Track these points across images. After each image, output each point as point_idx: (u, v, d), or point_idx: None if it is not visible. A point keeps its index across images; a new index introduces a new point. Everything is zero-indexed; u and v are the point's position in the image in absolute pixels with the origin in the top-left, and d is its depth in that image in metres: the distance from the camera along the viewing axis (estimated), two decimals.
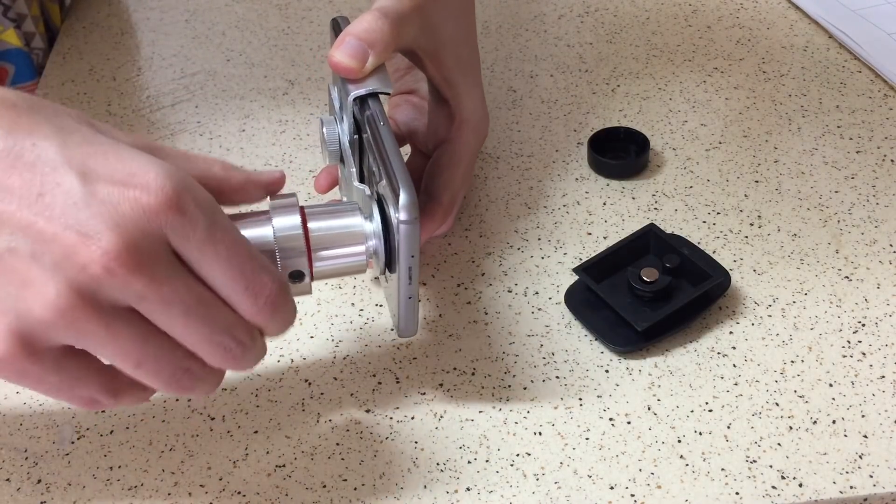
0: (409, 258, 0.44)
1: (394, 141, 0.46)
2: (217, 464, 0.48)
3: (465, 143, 0.55)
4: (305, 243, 0.44)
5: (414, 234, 0.43)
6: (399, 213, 0.43)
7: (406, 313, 0.45)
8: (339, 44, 0.49)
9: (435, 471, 0.47)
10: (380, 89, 0.49)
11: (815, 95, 0.70)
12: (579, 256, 0.58)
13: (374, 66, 0.49)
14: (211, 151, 0.68)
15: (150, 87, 0.76)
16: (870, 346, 0.52)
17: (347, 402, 0.50)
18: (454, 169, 0.55)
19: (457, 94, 0.55)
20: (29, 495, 0.47)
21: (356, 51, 0.49)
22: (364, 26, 0.49)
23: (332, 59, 0.49)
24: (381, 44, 0.49)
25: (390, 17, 0.50)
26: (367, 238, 0.45)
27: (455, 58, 0.55)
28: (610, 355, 0.52)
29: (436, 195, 0.54)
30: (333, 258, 0.45)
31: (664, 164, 0.64)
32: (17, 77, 0.78)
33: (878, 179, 0.62)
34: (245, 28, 0.82)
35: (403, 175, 0.44)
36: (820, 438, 0.47)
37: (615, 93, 0.71)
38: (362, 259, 0.46)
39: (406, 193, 0.43)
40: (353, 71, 0.49)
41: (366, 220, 0.46)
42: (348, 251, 0.45)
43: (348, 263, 0.46)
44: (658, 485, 0.46)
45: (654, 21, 0.79)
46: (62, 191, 0.36)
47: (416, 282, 0.44)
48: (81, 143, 0.38)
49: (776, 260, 0.57)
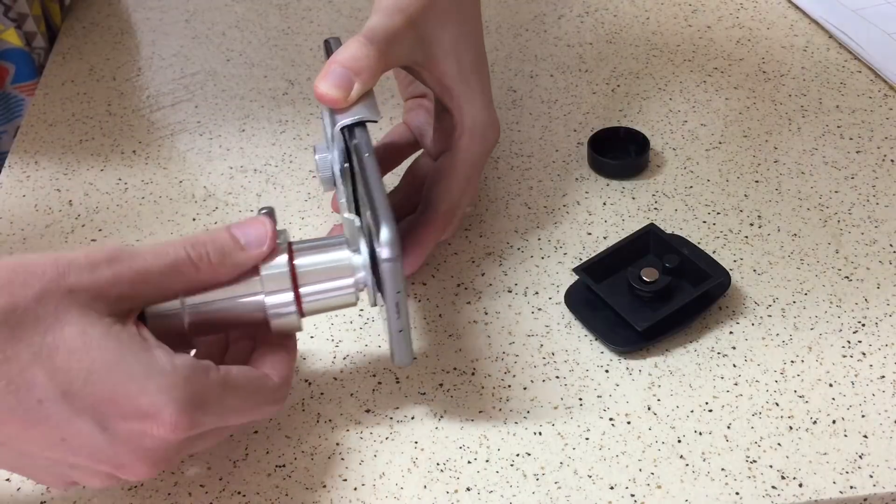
0: (395, 294, 0.43)
1: (377, 173, 0.46)
2: (217, 464, 0.48)
3: (467, 151, 0.55)
4: (292, 280, 0.44)
5: (397, 271, 0.43)
6: (381, 250, 0.43)
7: (399, 346, 0.45)
8: (324, 73, 0.49)
9: (435, 471, 0.47)
10: (366, 118, 0.49)
11: (815, 95, 0.70)
12: (579, 256, 0.58)
13: (359, 94, 0.49)
14: (211, 151, 0.68)
15: (150, 87, 0.76)
16: (870, 346, 0.52)
17: (347, 402, 0.50)
18: (453, 178, 0.54)
19: (458, 103, 0.54)
20: (29, 495, 0.47)
21: (341, 80, 0.49)
22: (349, 54, 0.49)
23: (317, 90, 0.49)
24: (368, 71, 0.49)
25: (376, 42, 0.49)
26: (354, 271, 0.45)
27: (455, 66, 0.54)
28: (610, 355, 0.52)
29: (434, 204, 0.54)
30: (321, 293, 0.45)
31: (664, 164, 0.64)
32: (18, 76, 0.78)
33: (878, 179, 0.62)
34: (245, 28, 0.82)
35: (385, 210, 0.43)
36: (820, 438, 0.47)
37: (615, 93, 0.71)
38: (351, 292, 0.46)
39: (387, 230, 0.43)
40: (338, 101, 0.49)
41: (354, 252, 0.45)
42: (336, 285, 0.45)
43: (337, 297, 0.46)
44: (658, 485, 0.46)
45: (654, 21, 0.79)
46: (85, 435, 0.40)
47: (405, 315, 0.44)
48: (84, 384, 0.39)
49: (776, 260, 0.57)
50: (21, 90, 0.78)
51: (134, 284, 0.41)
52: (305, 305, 0.45)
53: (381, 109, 0.71)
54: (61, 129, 0.72)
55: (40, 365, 0.38)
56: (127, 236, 0.61)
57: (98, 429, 0.39)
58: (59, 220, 0.63)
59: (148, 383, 0.39)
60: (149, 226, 0.62)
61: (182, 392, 0.40)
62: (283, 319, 0.45)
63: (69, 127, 0.72)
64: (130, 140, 0.70)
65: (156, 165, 0.67)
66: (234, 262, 0.43)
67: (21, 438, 0.40)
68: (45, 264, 0.39)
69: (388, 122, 0.70)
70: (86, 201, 0.65)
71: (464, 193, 0.56)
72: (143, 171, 0.67)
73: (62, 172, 0.67)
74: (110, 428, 0.40)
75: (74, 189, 0.66)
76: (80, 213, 0.64)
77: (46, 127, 0.72)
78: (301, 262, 0.45)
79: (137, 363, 0.40)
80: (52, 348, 0.38)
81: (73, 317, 0.39)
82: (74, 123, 0.72)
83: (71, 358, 0.39)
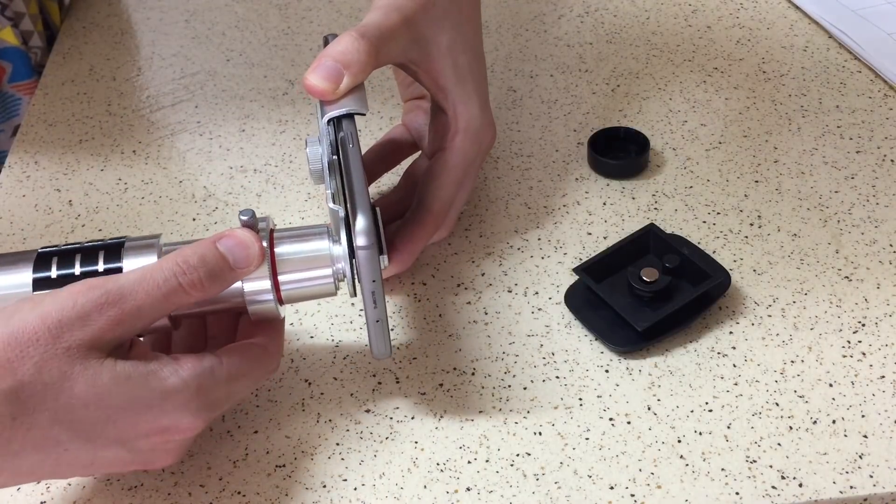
0: (370, 283, 0.44)
1: (360, 163, 0.46)
2: (217, 464, 0.48)
3: (460, 152, 0.55)
4: (271, 268, 0.45)
5: (372, 259, 0.43)
6: (356, 238, 0.43)
7: (376, 336, 0.45)
8: (314, 66, 0.49)
9: (435, 471, 0.47)
10: (354, 110, 0.49)
11: (815, 95, 0.70)
12: (579, 256, 0.58)
13: (348, 88, 0.49)
14: (211, 151, 0.68)
15: (150, 87, 0.76)
16: (870, 346, 0.52)
17: (347, 402, 0.50)
18: (445, 178, 0.54)
19: (452, 103, 0.55)
20: (29, 495, 0.47)
21: (330, 72, 0.49)
22: (340, 47, 0.49)
23: (306, 81, 0.49)
24: (358, 65, 0.49)
25: (368, 38, 0.50)
26: (333, 261, 0.46)
27: (451, 66, 0.54)
28: (610, 355, 0.52)
29: (426, 203, 0.54)
30: (300, 281, 0.46)
31: (664, 164, 0.64)
32: (15, 75, 0.78)
33: (878, 179, 0.62)
34: (245, 28, 0.82)
35: (363, 199, 0.44)
36: (820, 438, 0.47)
37: (615, 93, 0.71)
38: (330, 282, 0.46)
39: (363, 218, 0.43)
40: (327, 93, 0.49)
41: (334, 243, 0.46)
42: (315, 274, 0.46)
43: (316, 287, 0.46)
44: (658, 485, 0.46)
45: (654, 21, 0.79)
46: (111, 458, 0.42)
47: (381, 305, 0.44)
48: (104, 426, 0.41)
49: (776, 260, 0.57)
50: (18, 89, 0.78)
51: (127, 324, 0.41)
52: (284, 293, 0.46)
53: (381, 109, 0.71)
54: (61, 129, 0.72)
55: (60, 425, 0.40)
56: None
57: (124, 450, 0.42)
58: (59, 220, 0.63)
59: (165, 405, 0.41)
60: (149, 226, 0.62)
61: (196, 402, 0.42)
62: (261, 306, 0.45)
63: (69, 127, 0.72)
64: (130, 140, 0.70)
65: (156, 165, 0.67)
66: (223, 281, 0.44)
67: (49, 472, 0.42)
68: (37, 329, 0.39)
69: (388, 121, 0.70)
70: (86, 201, 0.65)
71: (457, 193, 0.56)
72: (143, 171, 0.67)
73: (62, 172, 0.67)
74: (135, 448, 0.42)
75: (74, 189, 0.66)
76: (80, 213, 0.64)
77: (46, 127, 0.72)
78: (281, 251, 0.45)
79: (150, 392, 0.41)
80: (68, 409, 0.40)
81: (77, 373, 0.40)
82: (74, 123, 0.72)
83: (87, 411, 0.40)
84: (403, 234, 0.54)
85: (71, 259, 0.44)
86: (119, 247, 0.45)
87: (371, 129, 0.70)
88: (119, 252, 0.45)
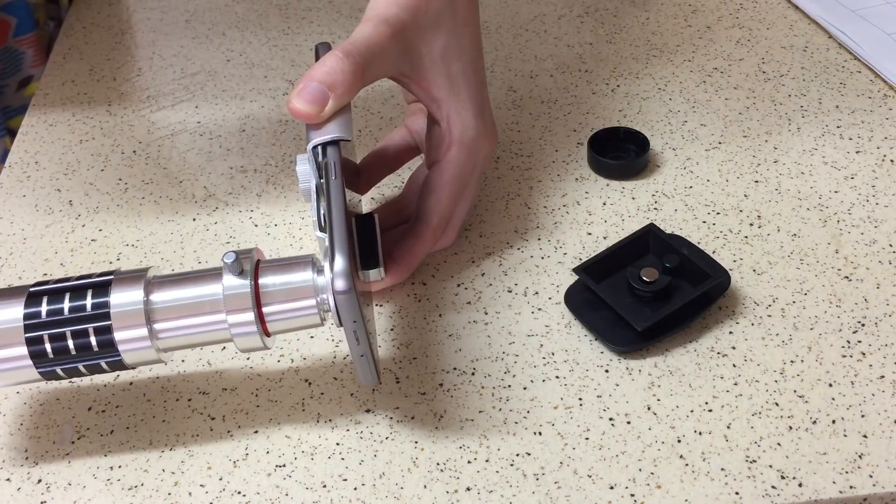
0: (351, 324, 0.43)
1: (341, 197, 0.45)
2: (217, 464, 0.48)
3: (455, 164, 0.54)
4: (255, 299, 0.44)
5: (351, 303, 0.42)
6: (334, 281, 0.42)
7: (362, 369, 0.45)
8: (298, 90, 0.48)
9: (435, 471, 0.47)
10: (339, 137, 0.48)
11: (815, 95, 0.70)
12: (579, 256, 0.58)
13: (334, 110, 0.48)
14: (211, 151, 0.68)
15: (150, 87, 0.76)
16: (870, 346, 0.52)
17: (347, 402, 0.51)
18: (442, 191, 0.54)
19: (446, 114, 0.53)
20: (29, 495, 0.47)
21: (315, 95, 0.48)
22: (325, 68, 0.48)
23: (289, 105, 0.48)
24: (343, 86, 0.48)
25: (353, 56, 0.48)
26: (317, 292, 0.45)
27: (444, 76, 0.53)
28: (610, 355, 0.52)
29: (424, 217, 0.54)
30: (283, 312, 0.45)
31: (664, 164, 0.64)
32: (19, 30, 0.77)
33: (877, 179, 0.62)
34: (245, 28, 0.82)
35: (340, 239, 0.43)
36: (820, 438, 0.47)
37: (615, 93, 0.71)
38: (314, 313, 0.45)
39: (341, 260, 0.42)
40: (312, 117, 0.48)
41: (318, 273, 0.45)
42: (299, 305, 0.45)
43: (300, 318, 0.45)
44: (658, 485, 0.46)
45: (654, 21, 0.79)
46: None
47: (364, 341, 0.44)
48: None
49: (776, 260, 0.57)
50: (21, 43, 0.78)
51: None
52: (270, 325, 0.45)
53: (382, 109, 0.71)
54: (61, 129, 0.72)
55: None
56: (127, 236, 0.61)
57: None
58: (59, 220, 0.63)
59: None
60: (149, 226, 0.62)
61: None
62: (245, 339, 0.45)
63: (69, 127, 0.72)
64: (130, 140, 0.70)
65: (156, 165, 0.67)
66: None
67: None
68: None
69: (388, 122, 0.70)
70: (86, 201, 0.65)
71: (456, 205, 0.55)
72: (143, 171, 0.67)
73: (62, 172, 0.67)
74: None
75: (74, 189, 0.66)
76: (80, 213, 0.64)
77: (46, 127, 0.72)
78: (265, 282, 0.45)
79: None
80: None
81: None
82: (74, 123, 0.72)
83: None
84: (402, 246, 0.54)
85: (60, 296, 0.45)
86: (107, 284, 0.45)
87: (371, 129, 0.70)
88: (107, 288, 0.45)
